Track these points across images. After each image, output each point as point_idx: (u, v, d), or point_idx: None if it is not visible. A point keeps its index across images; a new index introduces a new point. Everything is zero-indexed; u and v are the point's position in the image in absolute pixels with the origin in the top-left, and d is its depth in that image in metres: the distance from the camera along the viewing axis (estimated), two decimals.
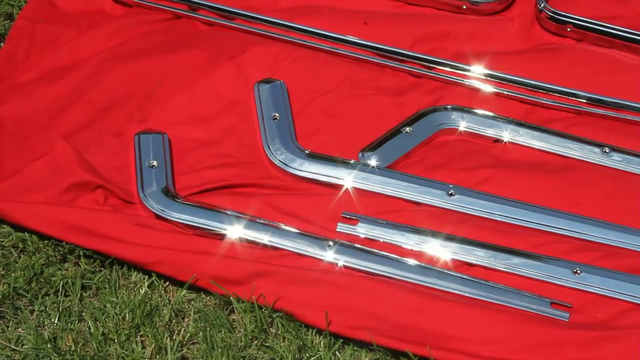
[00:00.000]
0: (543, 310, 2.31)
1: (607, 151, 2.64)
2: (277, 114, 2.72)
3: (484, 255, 2.42)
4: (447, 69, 2.86)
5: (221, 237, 2.46)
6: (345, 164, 2.61)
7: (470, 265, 2.42)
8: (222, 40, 2.93)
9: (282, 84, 2.80)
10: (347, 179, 2.59)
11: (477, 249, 2.43)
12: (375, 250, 2.43)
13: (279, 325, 2.31)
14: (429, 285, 2.37)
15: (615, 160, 2.63)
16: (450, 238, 2.45)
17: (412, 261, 2.41)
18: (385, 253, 2.42)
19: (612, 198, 2.55)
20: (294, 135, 2.70)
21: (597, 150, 2.65)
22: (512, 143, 2.69)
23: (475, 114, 2.73)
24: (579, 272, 2.37)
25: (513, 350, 2.21)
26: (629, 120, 2.74)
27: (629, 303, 2.33)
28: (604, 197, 2.55)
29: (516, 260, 2.41)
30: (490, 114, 2.74)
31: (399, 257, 2.42)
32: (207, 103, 2.78)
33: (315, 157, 2.63)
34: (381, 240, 2.46)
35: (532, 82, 2.80)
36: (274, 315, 2.32)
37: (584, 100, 2.77)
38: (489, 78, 2.83)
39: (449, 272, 2.40)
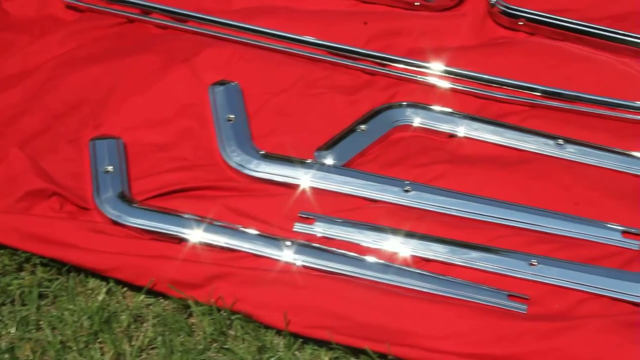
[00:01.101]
0: (501, 303, 2.32)
1: (562, 143, 2.65)
2: (232, 116, 2.72)
3: (442, 251, 2.43)
4: (401, 65, 2.86)
5: (178, 240, 2.45)
6: (301, 163, 2.61)
7: (428, 260, 2.42)
8: (175, 43, 2.93)
9: (236, 85, 2.80)
10: (304, 178, 2.58)
11: (434, 245, 2.44)
12: (333, 248, 2.43)
13: (238, 327, 2.31)
14: (387, 282, 2.37)
15: (570, 152, 2.64)
16: (407, 234, 2.45)
17: (370, 259, 2.41)
18: (343, 251, 2.43)
19: (567, 189, 2.56)
20: (250, 137, 2.69)
21: (551, 142, 2.66)
22: (467, 138, 2.70)
23: (429, 109, 2.74)
24: (535, 264, 2.38)
25: (472, 344, 2.21)
26: (583, 112, 2.75)
27: (585, 293, 2.34)
28: (559, 189, 2.56)
29: (473, 254, 2.42)
30: (445, 109, 2.75)
31: (357, 255, 2.42)
32: (161, 106, 2.77)
33: (271, 157, 2.63)
34: (338, 238, 2.46)
35: (486, 76, 2.81)
36: (233, 317, 2.32)
37: (538, 94, 2.79)
38: (442, 74, 2.83)
39: (407, 269, 2.40)
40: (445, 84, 2.82)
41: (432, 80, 2.83)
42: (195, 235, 2.44)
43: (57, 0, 3.07)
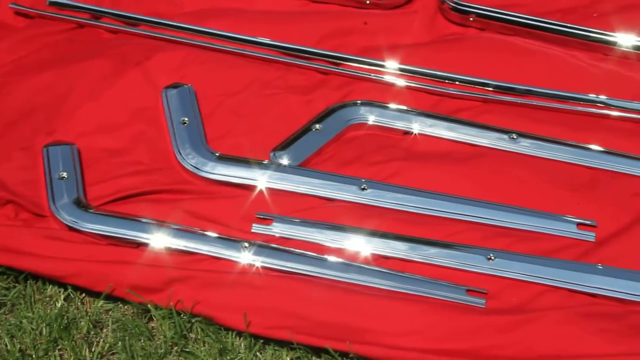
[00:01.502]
0: (459, 298, 2.34)
1: (515, 137, 2.67)
2: (186, 119, 2.71)
3: (400, 248, 2.44)
4: (354, 64, 2.87)
5: (136, 245, 2.44)
6: (257, 164, 2.61)
7: (387, 258, 2.43)
8: (127, 47, 2.91)
9: (190, 88, 2.79)
10: (260, 179, 2.58)
11: (392, 242, 2.44)
12: (291, 248, 2.43)
13: (199, 329, 2.31)
14: (346, 280, 2.38)
15: (524, 146, 2.66)
16: (365, 232, 2.46)
17: (328, 257, 2.42)
18: (302, 251, 2.43)
19: (522, 183, 2.58)
20: (205, 139, 2.69)
21: (505, 137, 2.68)
22: (422, 134, 2.71)
23: (383, 107, 2.75)
24: (492, 258, 2.40)
25: (431, 340, 2.23)
26: (536, 105, 2.77)
27: (543, 285, 2.36)
28: (514, 183, 2.58)
29: (431, 250, 2.43)
30: (399, 106, 2.76)
31: (315, 255, 2.42)
32: (115, 111, 2.76)
33: (227, 159, 2.62)
34: (296, 238, 2.47)
35: (439, 73, 2.83)
36: (193, 320, 2.32)
37: (491, 89, 2.80)
38: (396, 71, 2.84)
39: (366, 267, 2.41)
40: (399, 82, 2.83)
41: (385, 78, 2.84)
42: (153, 239, 2.44)
43: (6, 7, 3.04)
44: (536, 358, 2.20)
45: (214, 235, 2.45)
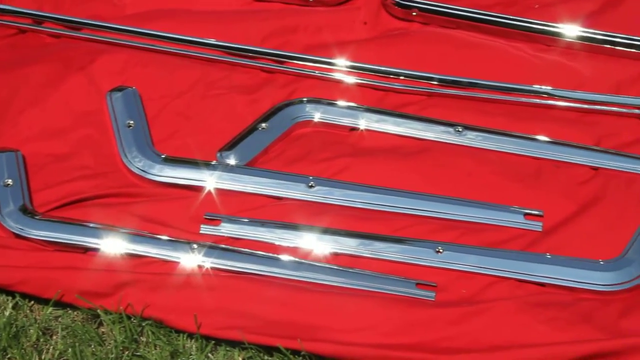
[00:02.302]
0: (409, 292, 2.34)
1: (461, 130, 2.68)
2: (131, 121, 2.70)
3: (349, 244, 2.44)
4: (299, 62, 2.87)
5: (84, 250, 2.43)
6: (204, 165, 2.60)
7: (336, 254, 2.43)
8: (70, 51, 2.89)
9: (134, 90, 2.78)
10: (207, 180, 2.58)
11: (341, 238, 2.45)
12: (240, 248, 2.43)
13: (149, 333, 2.30)
14: (297, 278, 2.38)
15: (469, 138, 2.67)
16: (314, 230, 2.46)
17: (278, 256, 2.41)
18: (251, 251, 2.42)
19: (469, 175, 2.59)
20: (151, 141, 2.68)
21: (450, 130, 2.69)
22: (368, 130, 2.72)
23: (329, 104, 2.75)
24: (441, 251, 2.41)
25: (382, 335, 2.23)
26: (480, 98, 2.79)
27: (491, 276, 2.37)
28: (461, 175, 2.59)
29: (380, 245, 2.44)
30: (345, 103, 2.76)
31: (265, 254, 2.42)
32: (59, 116, 2.74)
33: (174, 161, 2.61)
34: (245, 238, 2.46)
35: (383, 68, 2.84)
36: (144, 324, 2.30)
37: (435, 82, 2.81)
38: (341, 68, 2.85)
39: (316, 264, 2.41)
40: (344, 78, 2.83)
41: (330, 75, 2.84)
42: (101, 243, 2.42)
43: None
44: (487, 349, 2.21)
45: (163, 237, 2.44)
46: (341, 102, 2.76)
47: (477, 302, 2.30)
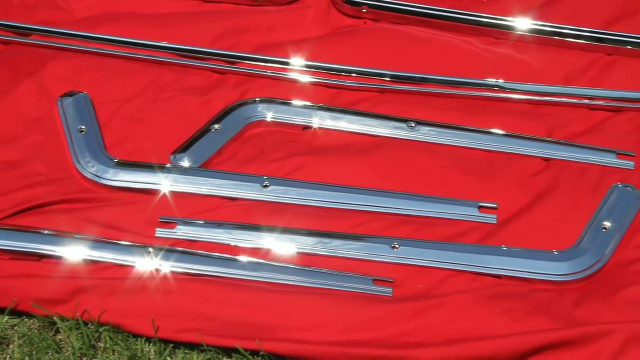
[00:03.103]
0: (367, 288, 2.35)
1: (414, 125, 2.69)
2: (83, 127, 2.69)
3: (306, 242, 2.44)
4: (251, 62, 2.87)
5: (39, 258, 2.41)
6: (158, 168, 2.59)
7: (293, 253, 2.43)
8: (20, 57, 2.88)
9: (85, 95, 2.77)
10: (162, 183, 2.57)
11: (297, 237, 2.45)
12: (196, 251, 2.42)
13: (107, 338, 2.29)
14: (254, 279, 2.38)
15: (423, 134, 2.68)
16: (270, 230, 2.46)
17: (235, 257, 2.41)
18: (207, 253, 2.42)
19: (423, 171, 2.60)
20: (104, 146, 2.66)
21: (403, 125, 2.70)
22: (322, 128, 2.72)
23: (282, 103, 2.75)
24: (397, 246, 2.41)
25: (340, 332, 2.24)
26: (433, 93, 2.80)
27: (448, 270, 2.38)
28: (416, 171, 2.60)
29: (337, 243, 2.44)
30: (297, 102, 2.76)
31: (221, 255, 2.42)
32: (10, 123, 2.72)
33: (127, 165, 2.60)
34: (201, 240, 2.46)
35: (335, 66, 2.84)
36: (101, 330, 2.29)
37: (388, 79, 2.82)
38: (292, 67, 2.85)
39: (273, 264, 2.41)
40: (296, 77, 2.83)
41: (282, 74, 2.84)
42: (56, 250, 2.41)
43: None
44: (445, 342, 2.21)
45: (118, 242, 2.43)
46: (294, 101, 2.76)
47: (434, 297, 2.31)
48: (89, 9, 3.06)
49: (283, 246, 2.44)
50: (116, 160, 2.60)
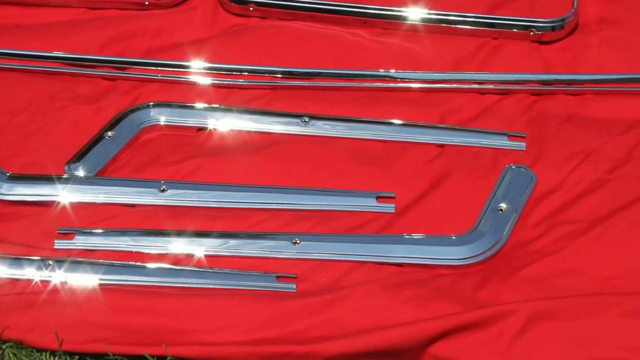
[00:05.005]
0: (270, 285, 2.35)
1: (307, 120, 2.70)
2: None
3: (206, 244, 2.44)
4: (140, 67, 2.85)
5: None
6: (52, 179, 2.56)
7: (195, 255, 2.43)
8: None
9: None
10: (58, 194, 2.54)
11: (198, 239, 2.44)
12: (96, 260, 2.41)
13: (10, 355, 2.25)
14: (158, 284, 2.37)
15: (317, 128, 2.70)
16: (170, 233, 2.46)
17: (136, 264, 2.40)
18: (108, 261, 2.40)
19: (319, 165, 2.61)
20: None
21: (297, 121, 2.71)
22: (216, 129, 2.72)
23: (174, 106, 2.74)
24: (298, 242, 2.42)
25: (246, 331, 2.24)
26: (323, 87, 2.81)
27: (350, 262, 2.40)
28: (312, 165, 2.61)
29: (238, 242, 2.44)
30: (189, 104, 2.75)
31: (122, 262, 2.40)
32: None
33: (20, 178, 2.57)
34: (101, 248, 2.44)
35: (225, 65, 2.83)
36: (4, 347, 2.26)
37: (279, 75, 2.82)
38: (182, 69, 2.84)
39: (174, 267, 2.40)
40: (187, 79, 2.82)
41: (173, 77, 2.82)
42: None
43: None
44: (350, 334, 2.23)
45: (16, 256, 2.40)
46: (186, 104, 2.75)
47: (338, 289, 2.33)
48: None
49: (186, 249, 2.43)
50: (9, 174, 2.56)
